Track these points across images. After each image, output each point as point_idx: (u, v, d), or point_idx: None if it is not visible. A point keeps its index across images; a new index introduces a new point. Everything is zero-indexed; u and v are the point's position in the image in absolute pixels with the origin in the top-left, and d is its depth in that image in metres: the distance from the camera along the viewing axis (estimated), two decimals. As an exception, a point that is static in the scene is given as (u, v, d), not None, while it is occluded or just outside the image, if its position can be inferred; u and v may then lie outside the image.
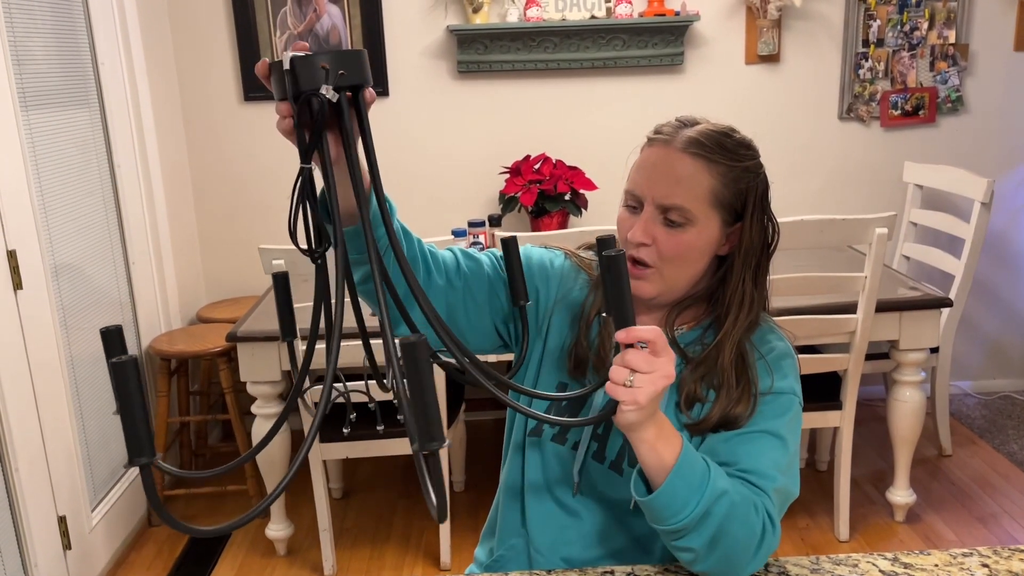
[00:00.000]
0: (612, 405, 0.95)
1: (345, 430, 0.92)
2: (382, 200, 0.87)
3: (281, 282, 0.91)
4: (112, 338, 0.68)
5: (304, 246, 0.84)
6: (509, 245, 0.98)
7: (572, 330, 1.20)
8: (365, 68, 0.81)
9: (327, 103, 0.78)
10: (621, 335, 0.92)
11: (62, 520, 2.31)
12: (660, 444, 0.99)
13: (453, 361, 0.88)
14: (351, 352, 2.30)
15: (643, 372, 0.93)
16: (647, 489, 1.02)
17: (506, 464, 1.28)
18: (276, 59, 0.92)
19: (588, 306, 1.20)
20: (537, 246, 1.29)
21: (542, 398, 1.12)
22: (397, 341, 0.62)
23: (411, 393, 0.64)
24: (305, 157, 0.81)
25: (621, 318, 0.80)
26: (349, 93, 0.81)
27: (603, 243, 0.95)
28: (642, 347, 0.94)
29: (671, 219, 1.11)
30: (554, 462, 1.20)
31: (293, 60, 0.79)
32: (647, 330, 0.93)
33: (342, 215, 0.83)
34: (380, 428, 0.94)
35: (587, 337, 1.18)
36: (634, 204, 1.14)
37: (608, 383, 0.94)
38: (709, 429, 1.12)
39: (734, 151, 1.13)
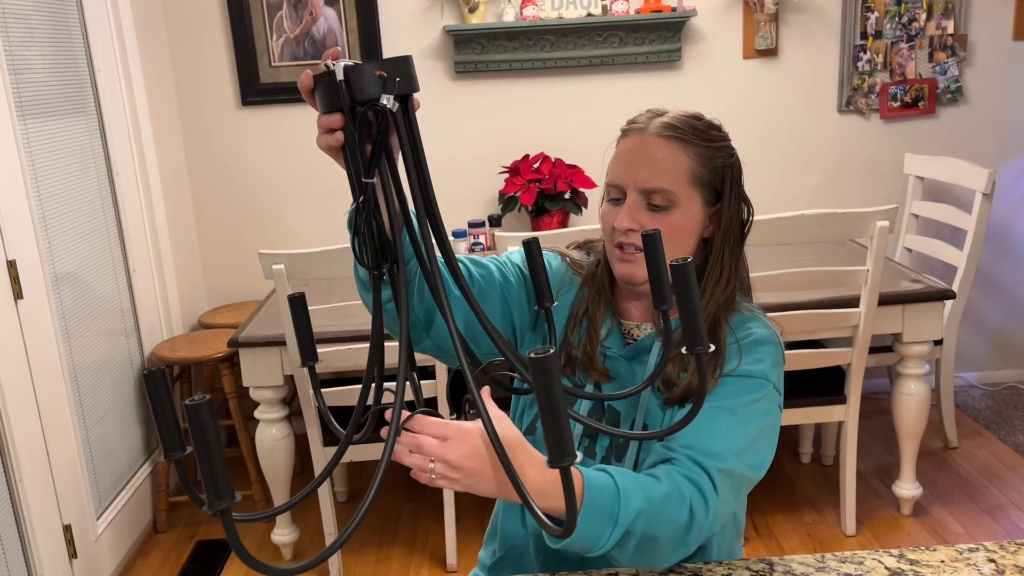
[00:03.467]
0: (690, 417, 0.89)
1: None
2: (437, 215, 0.85)
3: (298, 304, 0.87)
4: (156, 379, 0.67)
5: (367, 264, 0.83)
6: (532, 247, 0.98)
7: (563, 330, 1.23)
8: (413, 74, 0.78)
9: (390, 115, 0.75)
10: (415, 427, 0.91)
11: (67, 529, 2.31)
12: (547, 499, 0.95)
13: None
14: (352, 355, 2.29)
15: (436, 458, 0.91)
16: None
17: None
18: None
19: (576, 305, 1.23)
20: None
21: (606, 398, 1.13)
22: (528, 355, 0.60)
23: (542, 410, 0.62)
24: (368, 172, 0.78)
25: (691, 328, 0.75)
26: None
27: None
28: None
29: (655, 203, 1.13)
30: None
31: (347, 70, 0.75)
32: (437, 425, 0.92)
33: (388, 227, 0.82)
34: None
35: (574, 336, 1.21)
36: (617, 196, 1.16)
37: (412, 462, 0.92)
38: (676, 401, 1.13)
39: (706, 132, 1.16)
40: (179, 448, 0.66)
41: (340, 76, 0.75)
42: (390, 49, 3.19)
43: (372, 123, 0.77)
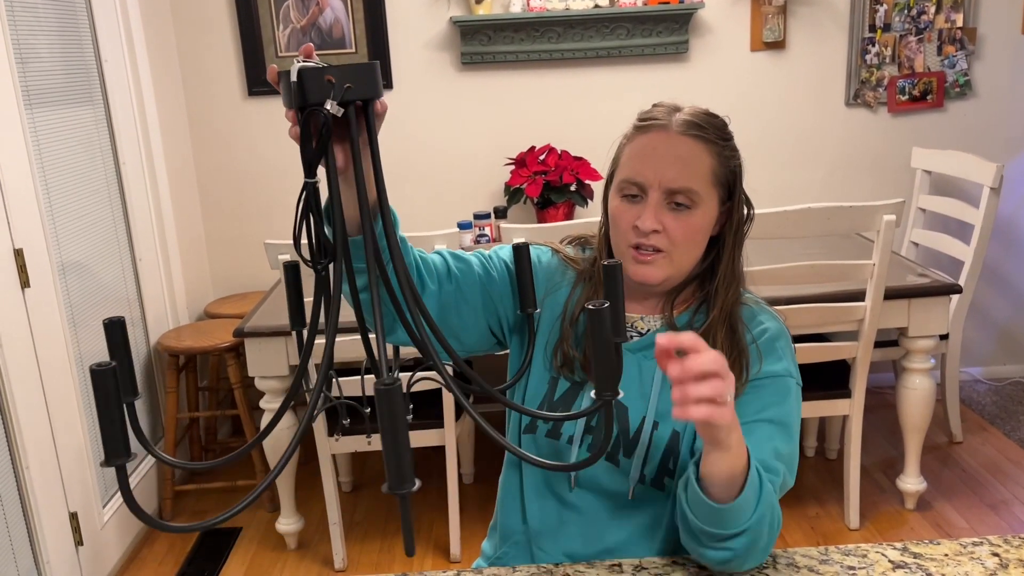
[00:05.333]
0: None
1: (336, 437, 0.93)
2: (387, 213, 0.86)
3: (291, 272, 0.91)
4: (115, 330, 0.74)
5: (308, 257, 0.84)
6: (521, 251, 0.97)
7: (558, 327, 1.20)
8: (375, 81, 0.80)
9: (331, 118, 0.77)
10: (686, 351, 0.92)
11: (73, 516, 2.32)
12: (737, 452, 0.98)
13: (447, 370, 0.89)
14: (355, 347, 2.30)
15: (720, 394, 0.92)
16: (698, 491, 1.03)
17: (505, 462, 1.29)
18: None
19: (572, 303, 1.21)
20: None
21: (544, 418, 1.14)
22: (373, 387, 0.63)
23: (384, 438, 0.64)
24: (309, 171, 0.80)
25: (603, 373, 0.74)
26: (360, 103, 0.80)
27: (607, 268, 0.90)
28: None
29: (678, 202, 1.11)
30: (551, 457, 1.20)
31: (301, 71, 0.77)
32: (706, 352, 0.93)
33: (348, 224, 0.83)
34: (410, 418, 0.94)
35: (572, 335, 1.19)
36: (635, 193, 1.14)
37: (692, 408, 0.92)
38: None
39: (722, 130, 1.15)
40: (131, 394, 0.75)
41: (294, 77, 0.78)
42: (396, 40, 3.19)
43: (322, 125, 0.79)
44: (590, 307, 0.72)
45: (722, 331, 1.13)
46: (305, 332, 0.90)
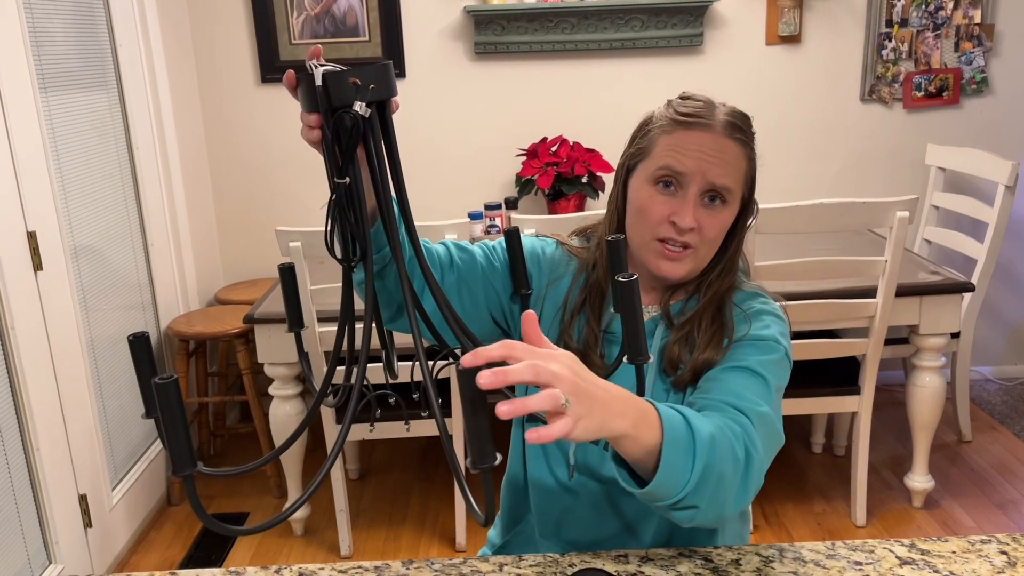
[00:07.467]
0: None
1: (371, 428, 0.94)
2: (408, 213, 0.86)
3: (287, 275, 0.93)
4: (139, 345, 0.76)
5: (339, 256, 0.87)
6: (512, 236, 0.99)
7: (560, 319, 1.21)
8: (390, 81, 0.82)
9: (361, 120, 0.79)
10: (468, 358, 0.72)
11: (83, 498, 2.34)
12: (641, 427, 0.86)
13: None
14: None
15: (566, 381, 0.76)
16: (630, 476, 0.94)
17: (510, 451, 1.30)
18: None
19: (574, 294, 1.21)
20: (530, 236, 1.30)
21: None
22: (454, 369, 0.64)
23: (465, 416, 0.67)
24: (340, 172, 0.82)
25: (634, 341, 0.76)
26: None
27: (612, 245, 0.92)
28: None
29: (712, 197, 1.12)
30: (552, 445, 1.21)
31: (325, 76, 0.79)
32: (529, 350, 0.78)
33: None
34: (424, 414, 0.88)
35: (571, 328, 1.19)
36: (671, 182, 1.12)
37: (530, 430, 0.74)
38: (688, 382, 1.12)
39: (753, 133, 1.17)
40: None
41: (319, 81, 0.80)
42: (409, 28, 3.18)
43: (347, 127, 0.81)
44: (620, 279, 0.75)
45: (709, 313, 1.14)
46: (311, 330, 0.91)
